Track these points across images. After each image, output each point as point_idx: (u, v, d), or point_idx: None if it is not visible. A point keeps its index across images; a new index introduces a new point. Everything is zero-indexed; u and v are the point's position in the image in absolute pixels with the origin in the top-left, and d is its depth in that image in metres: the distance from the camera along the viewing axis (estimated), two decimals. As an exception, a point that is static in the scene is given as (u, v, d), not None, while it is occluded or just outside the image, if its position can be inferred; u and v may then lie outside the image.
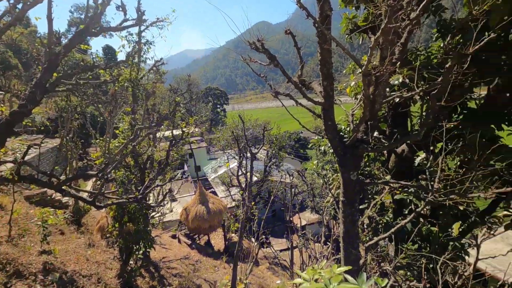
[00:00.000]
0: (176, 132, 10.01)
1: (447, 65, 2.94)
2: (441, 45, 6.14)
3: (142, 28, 10.01)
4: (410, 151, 6.27)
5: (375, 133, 6.75)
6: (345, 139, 4.09)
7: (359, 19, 7.72)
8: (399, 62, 5.81)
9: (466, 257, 6.35)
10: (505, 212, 5.91)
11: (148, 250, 9.05)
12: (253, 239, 13.48)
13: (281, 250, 20.81)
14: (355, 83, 6.25)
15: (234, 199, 21.19)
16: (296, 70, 4.70)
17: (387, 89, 5.61)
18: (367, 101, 3.27)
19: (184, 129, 9.95)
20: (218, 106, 78.57)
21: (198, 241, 18.13)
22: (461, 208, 5.47)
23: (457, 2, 6.58)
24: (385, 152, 7.44)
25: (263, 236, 7.89)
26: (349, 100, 7.12)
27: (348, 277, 2.45)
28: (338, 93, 7.04)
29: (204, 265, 13.68)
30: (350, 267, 2.92)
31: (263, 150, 25.55)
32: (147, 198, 10.06)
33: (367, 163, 7.96)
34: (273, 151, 20.57)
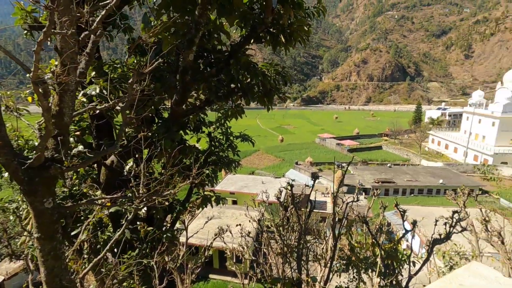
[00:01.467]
0: None
1: (129, 81, 3.17)
2: (134, 61, 6.75)
3: None
4: (120, 161, 6.36)
5: (81, 147, 6.12)
6: (29, 161, 3.26)
7: (42, 15, 6.55)
8: (94, 72, 5.64)
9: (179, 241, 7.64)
10: (196, 197, 7.77)
11: None
12: None
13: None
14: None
15: None
16: None
17: (84, 99, 5.25)
18: (48, 114, 2.76)
19: None
20: None
21: None
22: (167, 203, 6.42)
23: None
24: (95, 166, 7.03)
25: None
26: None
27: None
28: (26, 102, 5.55)
29: None
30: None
31: None
32: None
33: (78, 182, 7.09)
34: None
